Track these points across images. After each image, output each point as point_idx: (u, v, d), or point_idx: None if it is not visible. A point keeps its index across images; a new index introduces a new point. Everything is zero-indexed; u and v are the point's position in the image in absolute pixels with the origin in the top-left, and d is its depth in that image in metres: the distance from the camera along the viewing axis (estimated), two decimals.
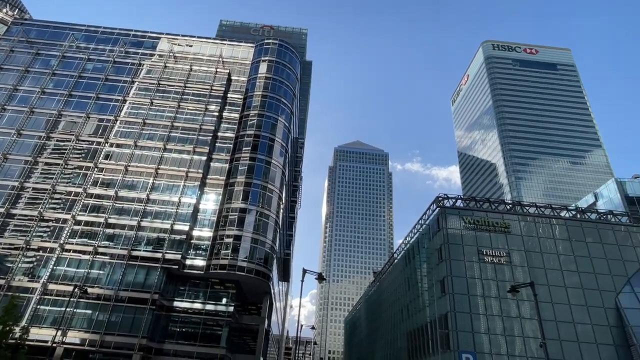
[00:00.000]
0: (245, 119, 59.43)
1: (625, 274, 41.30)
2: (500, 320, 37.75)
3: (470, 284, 39.10)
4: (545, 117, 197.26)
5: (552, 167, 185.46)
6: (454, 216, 42.51)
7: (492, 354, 36.17)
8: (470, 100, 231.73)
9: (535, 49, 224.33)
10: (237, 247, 47.70)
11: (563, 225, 43.78)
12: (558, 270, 40.87)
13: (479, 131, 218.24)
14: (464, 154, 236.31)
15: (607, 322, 38.60)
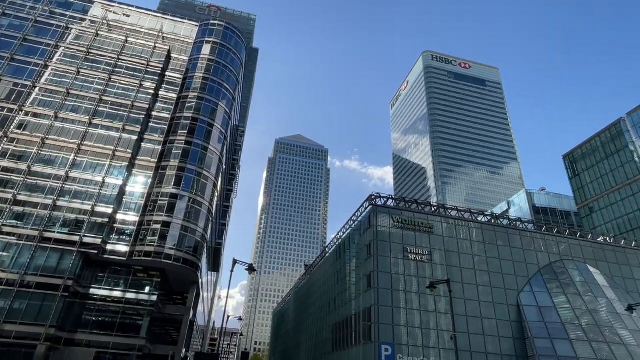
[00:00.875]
0: (183, 100, 56.73)
1: (527, 275, 46.38)
2: (418, 314, 40.42)
3: (394, 280, 41.33)
4: (472, 129, 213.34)
5: (474, 175, 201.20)
6: (385, 215, 44.53)
7: (409, 345, 38.66)
8: (408, 105, 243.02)
9: (469, 64, 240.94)
10: (165, 234, 45.63)
11: (479, 228, 47.89)
12: (472, 270, 44.69)
13: (413, 136, 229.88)
14: (398, 156, 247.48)
15: (509, 317, 43.10)
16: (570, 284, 46.59)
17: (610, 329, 43.01)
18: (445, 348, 39.21)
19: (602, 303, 45.56)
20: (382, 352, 37.16)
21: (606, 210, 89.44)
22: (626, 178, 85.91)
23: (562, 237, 50.86)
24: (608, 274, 49.52)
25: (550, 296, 45.05)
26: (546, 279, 46.66)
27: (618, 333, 42.84)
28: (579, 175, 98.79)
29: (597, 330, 42.56)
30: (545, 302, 44.52)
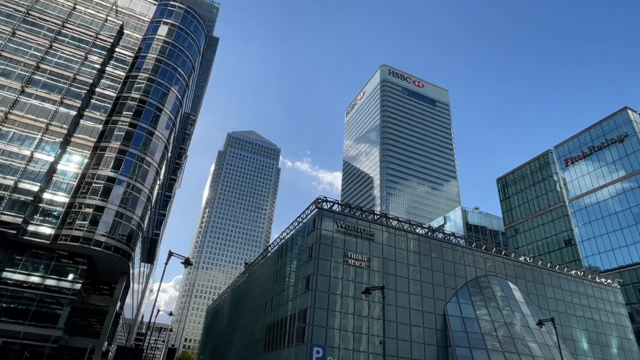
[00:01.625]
0: (132, 80, 53.70)
1: (455, 287, 49.32)
2: (352, 318, 41.40)
3: (333, 283, 42.03)
4: (419, 145, 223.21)
5: (416, 189, 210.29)
6: (329, 219, 45.21)
7: (341, 348, 39.45)
8: (363, 115, 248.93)
9: (422, 83, 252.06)
10: (97, 219, 42.80)
11: (416, 240, 50.19)
12: (406, 278, 46.65)
13: (365, 145, 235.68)
14: (349, 163, 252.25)
15: (436, 326, 45.52)
16: (492, 298, 50.22)
17: (522, 342, 46.91)
18: (374, 352, 40.48)
19: (518, 317, 49.59)
20: (313, 354, 37.55)
21: (529, 233, 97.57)
22: (548, 205, 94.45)
23: (489, 254, 54.72)
24: (525, 291, 54.02)
25: (473, 308, 48.24)
26: (471, 291, 49.91)
27: (528, 345, 46.84)
28: (509, 198, 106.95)
29: (511, 342, 46.23)
30: (468, 313, 47.59)
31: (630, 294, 71.83)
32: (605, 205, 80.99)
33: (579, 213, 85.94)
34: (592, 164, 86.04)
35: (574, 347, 52.43)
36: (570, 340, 52.83)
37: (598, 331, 56.01)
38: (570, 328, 53.96)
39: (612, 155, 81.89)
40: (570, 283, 58.39)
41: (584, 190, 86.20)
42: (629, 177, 77.65)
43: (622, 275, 72.30)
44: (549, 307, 54.20)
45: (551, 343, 48.52)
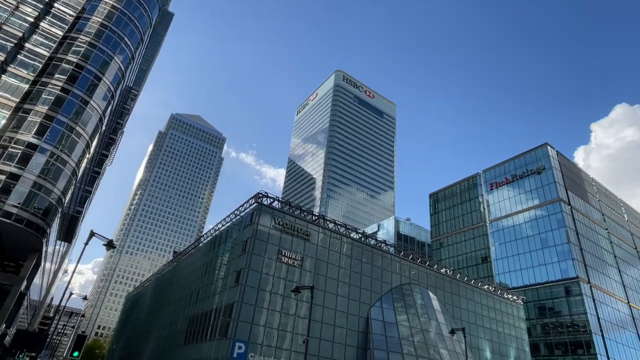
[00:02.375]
0: (70, 41, 49.27)
1: (381, 292, 51.48)
2: (279, 316, 41.50)
3: (264, 280, 41.83)
4: (363, 153, 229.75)
5: (355, 194, 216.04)
6: (267, 215, 44.95)
7: (264, 345, 39.37)
8: (313, 116, 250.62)
9: (373, 94, 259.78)
10: (10, 188, 38.68)
11: (350, 244, 51.64)
12: (336, 280, 47.79)
13: (312, 145, 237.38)
14: (294, 161, 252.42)
15: (358, 328, 47.13)
16: (412, 305, 53.14)
17: (435, 348, 50.20)
18: (296, 351, 40.92)
19: (433, 325, 52.98)
20: (235, 350, 37.06)
21: (452, 247, 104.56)
22: (471, 223, 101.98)
23: (414, 264, 57.86)
24: (442, 301, 57.86)
25: (395, 313, 50.69)
26: (395, 298, 52.42)
27: (440, 352, 50.22)
28: (438, 213, 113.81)
29: (425, 347, 49.25)
30: (390, 318, 49.92)
31: (530, 311, 79.90)
32: (519, 228, 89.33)
33: (497, 233, 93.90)
34: (512, 190, 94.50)
35: (479, 356, 57.12)
36: (477, 349, 57.49)
37: (500, 342, 61.57)
38: (477, 338, 58.69)
39: (530, 185, 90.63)
40: (482, 296, 63.57)
41: (503, 213, 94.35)
42: (541, 205, 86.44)
43: (525, 293, 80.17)
44: (461, 317, 58.52)
45: (459, 351, 52.43)
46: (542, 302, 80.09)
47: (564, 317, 76.32)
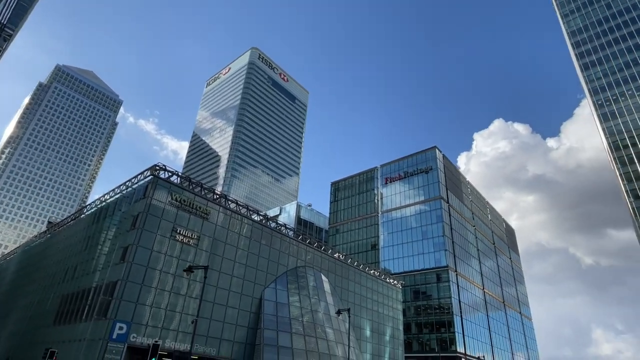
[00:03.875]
0: None
1: (276, 274, 52.71)
2: (168, 296, 39.84)
3: (154, 257, 39.63)
4: (272, 136, 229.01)
5: (260, 177, 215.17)
6: (164, 189, 42.45)
7: (149, 325, 37.53)
8: (224, 91, 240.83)
9: (288, 77, 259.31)
10: None
11: (250, 225, 51.62)
12: (232, 261, 47.50)
13: (220, 121, 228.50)
14: (199, 135, 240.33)
15: (251, 309, 47.71)
16: (305, 287, 55.56)
17: (322, 327, 53.41)
18: (184, 331, 39.90)
19: (322, 306, 56.19)
20: (115, 330, 34.70)
21: (347, 234, 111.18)
22: (366, 213, 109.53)
23: (311, 248, 60.36)
24: (333, 283, 61.58)
25: (288, 295, 52.47)
26: (289, 279, 54.19)
27: (326, 331, 53.60)
28: (338, 201, 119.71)
29: (312, 327, 52.07)
30: (282, 299, 51.53)
31: (407, 294, 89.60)
32: (406, 220, 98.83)
33: (387, 224, 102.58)
34: (404, 186, 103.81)
35: (360, 334, 62.41)
36: (359, 328, 62.69)
37: (379, 322, 68.02)
38: (360, 318, 63.96)
39: (419, 182, 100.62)
40: (368, 280, 69.25)
41: (394, 205, 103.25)
42: (426, 202, 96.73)
43: (404, 278, 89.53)
44: (348, 299, 63.07)
45: (343, 330, 56.64)
46: (417, 286, 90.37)
47: (433, 300, 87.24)
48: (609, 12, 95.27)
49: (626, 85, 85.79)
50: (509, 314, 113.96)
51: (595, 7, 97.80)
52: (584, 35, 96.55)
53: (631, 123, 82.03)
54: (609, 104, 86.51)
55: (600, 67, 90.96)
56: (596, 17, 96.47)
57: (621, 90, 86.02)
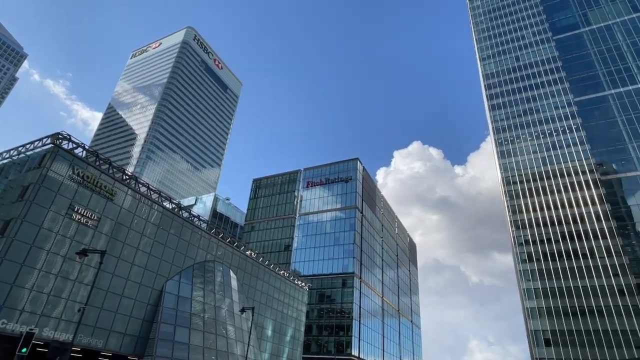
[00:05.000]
0: None
1: (182, 266, 50.33)
2: (54, 280, 35.78)
3: (43, 235, 35.33)
4: (197, 122, 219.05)
5: (179, 163, 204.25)
6: (65, 161, 38.17)
7: (25, 311, 33.24)
8: (151, 66, 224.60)
9: (222, 65, 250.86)
10: None
11: (160, 212, 48.67)
12: (135, 248, 44.28)
13: (143, 97, 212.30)
14: (115, 108, 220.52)
15: (149, 301, 44.83)
16: (211, 282, 53.92)
17: (223, 324, 52.22)
18: (68, 320, 36.13)
19: (227, 303, 55.01)
20: None
21: (262, 232, 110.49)
22: (284, 213, 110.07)
23: (223, 242, 58.83)
24: (241, 281, 60.66)
25: (192, 289, 50.40)
26: (195, 273, 52.14)
27: (227, 328, 52.52)
28: (258, 199, 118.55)
29: (213, 323, 50.66)
30: (185, 293, 49.35)
31: (313, 297, 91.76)
32: (321, 225, 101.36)
33: (303, 226, 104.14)
34: (324, 191, 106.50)
35: (262, 333, 62.27)
36: (261, 327, 62.51)
37: (282, 322, 68.60)
38: (264, 317, 63.86)
39: (338, 190, 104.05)
40: (277, 281, 69.53)
41: (312, 209, 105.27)
42: (342, 209, 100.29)
43: (312, 281, 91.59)
44: (255, 297, 62.61)
45: (245, 328, 56.03)
46: (323, 290, 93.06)
47: (336, 304, 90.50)
48: (517, 64, 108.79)
49: (522, 130, 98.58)
50: (402, 322, 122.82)
51: (507, 57, 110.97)
52: (495, 79, 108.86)
53: (521, 163, 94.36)
54: (507, 143, 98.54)
55: (504, 110, 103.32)
56: (506, 66, 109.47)
57: (517, 133, 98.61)
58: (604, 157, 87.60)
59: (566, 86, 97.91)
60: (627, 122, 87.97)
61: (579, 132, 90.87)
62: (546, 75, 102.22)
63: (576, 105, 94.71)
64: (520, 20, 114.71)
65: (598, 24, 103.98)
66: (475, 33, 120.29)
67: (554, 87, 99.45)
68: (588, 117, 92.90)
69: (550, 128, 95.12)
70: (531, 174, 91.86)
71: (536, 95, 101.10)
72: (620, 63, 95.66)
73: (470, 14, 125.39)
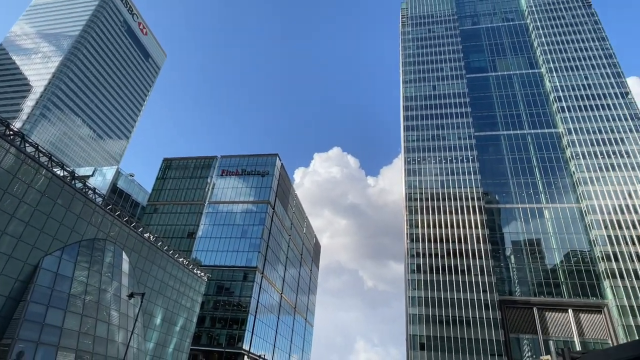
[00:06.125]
0: None
1: (67, 241, 45.42)
2: None
3: None
4: (109, 87, 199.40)
5: (81, 127, 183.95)
6: None
7: None
8: (63, 12, 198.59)
9: (148, 31, 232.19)
10: None
11: (48, 178, 43.40)
12: (9, 215, 38.85)
13: (48, 46, 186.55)
14: (7, 51, 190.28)
15: (18, 276, 39.61)
16: (99, 262, 49.56)
17: (106, 309, 48.30)
18: None
19: (114, 286, 51.02)
20: None
21: (166, 215, 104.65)
22: (192, 199, 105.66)
23: (119, 221, 54.49)
24: (134, 264, 56.75)
25: (74, 267, 45.76)
26: (82, 251, 47.47)
27: (110, 313, 48.70)
28: (166, 179, 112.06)
29: (95, 307, 46.59)
30: (66, 271, 44.63)
31: (211, 288, 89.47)
32: (231, 216, 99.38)
33: (211, 215, 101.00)
34: (238, 182, 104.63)
35: (150, 321, 58.89)
36: (150, 315, 59.11)
37: (174, 312, 65.70)
38: (155, 305, 60.51)
39: (253, 183, 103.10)
40: (175, 268, 66.44)
41: (223, 199, 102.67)
42: (254, 203, 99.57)
43: (212, 272, 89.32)
44: (147, 283, 59.02)
45: (132, 315, 52.53)
46: (223, 282, 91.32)
47: (234, 297, 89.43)
48: (433, 92, 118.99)
49: (429, 152, 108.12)
50: (297, 319, 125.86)
51: (426, 84, 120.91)
52: (413, 103, 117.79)
53: (423, 182, 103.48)
54: (414, 162, 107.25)
55: (415, 132, 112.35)
56: (424, 93, 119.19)
57: (424, 155, 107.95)
58: (490, 188, 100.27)
59: (470, 120, 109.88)
60: (511, 161, 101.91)
61: (474, 163, 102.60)
62: (456, 107, 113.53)
63: (475, 139, 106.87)
64: (443, 53, 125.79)
65: (502, 72, 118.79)
66: (403, 57, 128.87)
67: (460, 120, 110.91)
68: (483, 151, 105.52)
69: (452, 155, 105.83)
70: (430, 194, 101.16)
71: (445, 123, 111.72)
72: (514, 109, 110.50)
73: (400, 38, 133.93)
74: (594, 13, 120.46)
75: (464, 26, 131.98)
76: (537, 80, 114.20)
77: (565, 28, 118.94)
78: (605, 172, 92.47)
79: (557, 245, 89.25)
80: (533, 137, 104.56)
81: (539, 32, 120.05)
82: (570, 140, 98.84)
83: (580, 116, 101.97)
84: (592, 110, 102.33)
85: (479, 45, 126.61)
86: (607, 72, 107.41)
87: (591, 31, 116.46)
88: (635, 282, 78.90)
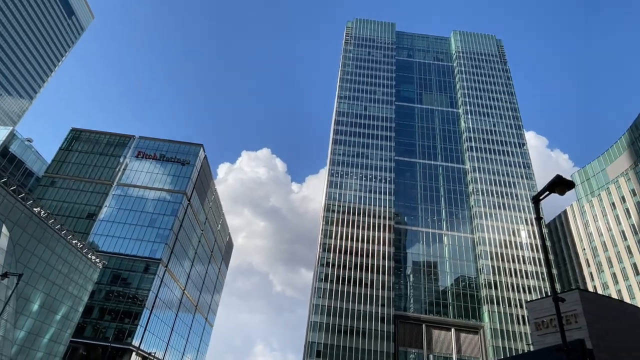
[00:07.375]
0: None
1: None
2: None
3: None
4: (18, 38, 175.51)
5: None
6: None
7: None
8: None
9: None
10: None
11: None
12: None
13: None
14: None
15: None
16: None
17: None
18: None
19: None
20: None
21: (64, 191, 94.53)
22: (99, 177, 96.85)
23: (4, 190, 48.04)
24: (15, 240, 50.23)
25: None
26: None
27: None
28: (71, 151, 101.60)
29: None
30: None
31: (105, 276, 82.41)
32: (141, 202, 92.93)
33: (118, 197, 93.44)
34: (155, 167, 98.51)
35: (25, 307, 52.35)
36: (26, 299, 52.59)
37: (57, 298, 59.20)
38: (34, 288, 54.00)
39: (171, 170, 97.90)
40: (65, 250, 60.12)
41: (136, 182, 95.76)
42: (170, 191, 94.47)
43: (110, 259, 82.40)
44: (28, 263, 52.58)
45: (2, 297, 46.33)
46: (120, 271, 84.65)
47: (130, 289, 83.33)
48: (364, 112, 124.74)
49: (352, 168, 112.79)
50: (196, 318, 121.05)
51: (359, 103, 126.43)
52: (344, 118, 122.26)
53: (343, 196, 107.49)
54: (337, 176, 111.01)
55: (342, 147, 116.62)
56: (356, 111, 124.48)
57: (348, 170, 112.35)
58: (401, 209, 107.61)
59: (393, 145, 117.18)
60: (423, 188, 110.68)
61: (391, 185, 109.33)
62: (382, 130, 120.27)
63: (395, 162, 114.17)
64: (378, 77, 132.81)
65: (427, 105, 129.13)
66: (341, 72, 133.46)
67: (384, 142, 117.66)
68: (400, 175, 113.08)
69: (372, 174, 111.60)
70: (347, 207, 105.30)
71: (370, 143, 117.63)
72: (432, 141, 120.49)
73: (342, 55, 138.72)
74: (508, 70, 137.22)
75: (400, 56, 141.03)
76: (454, 119, 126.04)
77: (483, 77, 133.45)
78: (497, 210, 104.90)
79: (450, 269, 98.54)
80: (444, 169, 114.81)
81: (462, 76, 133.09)
82: (473, 177, 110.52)
83: (483, 157, 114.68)
84: (494, 153, 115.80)
85: (410, 77, 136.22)
86: (511, 123, 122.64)
87: (504, 84, 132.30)
88: (507, 309, 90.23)
